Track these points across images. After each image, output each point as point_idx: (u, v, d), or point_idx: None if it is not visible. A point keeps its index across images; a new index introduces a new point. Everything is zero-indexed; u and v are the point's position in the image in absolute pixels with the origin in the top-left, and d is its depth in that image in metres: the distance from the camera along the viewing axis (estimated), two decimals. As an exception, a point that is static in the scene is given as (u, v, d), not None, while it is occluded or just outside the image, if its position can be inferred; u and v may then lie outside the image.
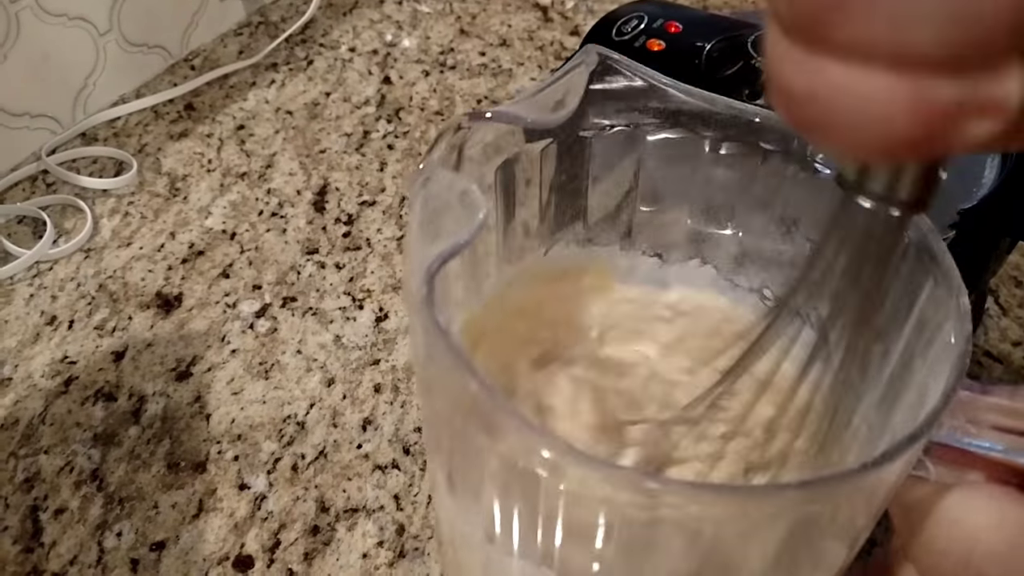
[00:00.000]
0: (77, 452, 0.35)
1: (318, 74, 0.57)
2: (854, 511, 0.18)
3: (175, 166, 0.49)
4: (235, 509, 0.33)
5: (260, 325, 0.40)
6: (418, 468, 0.34)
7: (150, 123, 0.53)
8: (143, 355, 0.39)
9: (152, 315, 0.40)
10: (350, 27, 0.62)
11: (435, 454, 0.21)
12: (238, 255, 0.44)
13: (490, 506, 0.19)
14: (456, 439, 0.19)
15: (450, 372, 0.17)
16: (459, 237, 0.18)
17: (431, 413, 0.21)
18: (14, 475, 0.34)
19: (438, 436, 0.21)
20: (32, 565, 0.31)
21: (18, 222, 0.45)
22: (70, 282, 0.42)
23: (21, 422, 0.36)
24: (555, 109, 0.23)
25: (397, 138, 0.51)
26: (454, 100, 0.55)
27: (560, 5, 0.64)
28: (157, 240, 0.44)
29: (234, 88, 0.55)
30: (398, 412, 0.36)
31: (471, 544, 0.21)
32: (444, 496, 0.21)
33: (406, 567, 0.31)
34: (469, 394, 0.16)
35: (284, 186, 0.48)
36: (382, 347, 0.39)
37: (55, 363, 0.38)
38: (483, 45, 0.60)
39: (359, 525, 0.32)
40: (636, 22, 0.41)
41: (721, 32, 0.39)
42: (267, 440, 0.35)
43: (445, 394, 0.18)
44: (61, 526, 0.32)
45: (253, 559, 0.31)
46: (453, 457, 0.20)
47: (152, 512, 0.33)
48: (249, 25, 0.62)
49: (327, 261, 0.43)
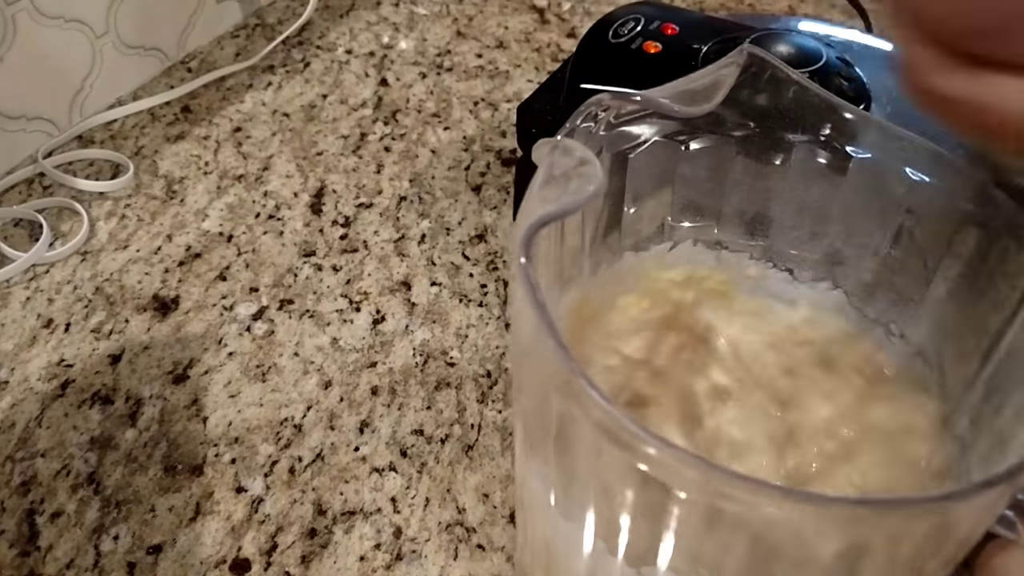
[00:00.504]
0: (74, 455, 0.35)
1: (315, 76, 0.57)
2: (916, 548, 0.17)
3: (172, 168, 0.49)
4: (232, 512, 0.33)
5: (257, 328, 0.40)
6: (415, 471, 0.34)
7: (147, 125, 0.52)
8: (140, 358, 0.38)
9: (149, 318, 0.40)
10: (347, 29, 0.62)
11: (518, 417, 0.21)
12: (235, 257, 0.44)
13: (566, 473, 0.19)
14: (536, 402, 0.19)
15: (539, 339, 0.17)
16: (568, 203, 0.18)
17: (520, 380, 0.21)
18: (10, 479, 0.34)
19: (523, 398, 0.21)
20: (28, 569, 0.31)
21: (14, 225, 0.45)
22: (66, 285, 0.42)
23: (17, 425, 0.36)
24: (699, 102, 0.23)
25: (394, 140, 0.51)
26: (451, 102, 0.55)
27: (557, 7, 0.65)
28: (154, 243, 0.44)
29: (231, 90, 0.55)
30: (395, 414, 0.36)
31: (538, 506, 0.21)
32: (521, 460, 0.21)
33: (403, 570, 0.31)
34: (552, 360, 0.16)
35: (281, 188, 0.48)
36: (379, 349, 0.39)
37: (51, 366, 0.38)
38: (480, 47, 0.60)
39: (356, 528, 0.32)
40: (633, 24, 0.41)
41: (718, 34, 0.40)
42: (264, 443, 0.35)
43: (535, 363, 0.18)
44: (58, 530, 0.32)
45: (250, 562, 0.31)
46: (528, 417, 0.20)
47: (149, 515, 0.33)
48: (246, 27, 0.62)
49: (324, 263, 0.43)
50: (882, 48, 0.42)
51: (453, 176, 0.49)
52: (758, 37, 0.37)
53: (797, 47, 0.37)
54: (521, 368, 0.20)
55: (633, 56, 0.39)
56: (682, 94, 0.23)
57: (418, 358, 0.39)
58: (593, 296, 0.26)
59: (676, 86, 0.23)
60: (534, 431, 0.20)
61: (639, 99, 0.22)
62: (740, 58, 0.23)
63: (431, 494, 0.33)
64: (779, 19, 0.45)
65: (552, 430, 0.18)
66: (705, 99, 0.23)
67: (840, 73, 0.36)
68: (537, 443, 0.20)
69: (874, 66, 0.40)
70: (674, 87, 0.23)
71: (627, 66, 0.39)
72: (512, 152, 0.50)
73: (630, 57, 0.39)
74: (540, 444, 0.20)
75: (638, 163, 0.24)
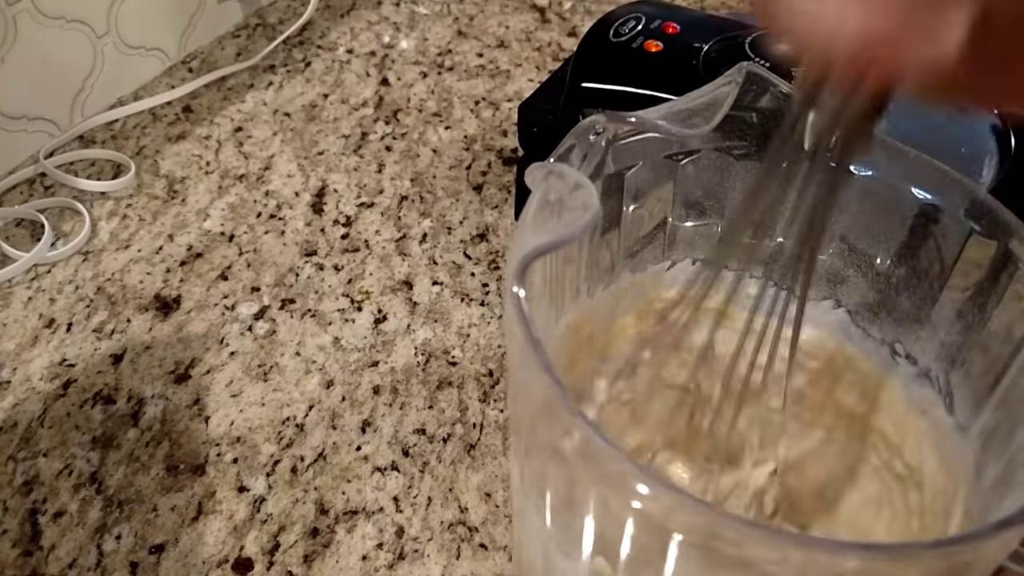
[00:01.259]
0: (76, 455, 0.35)
1: (316, 76, 0.57)
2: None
3: (173, 168, 0.49)
4: (234, 511, 0.33)
5: (259, 327, 0.40)
6: (417, 470, 0.34)
7: (148, 125, 0.53)
8: (142, 358, 0.39)
9: (151, 317, 0.40)
10: (348, 29, 0.62)
11: (514, 432, 0.21)
12: (236, 257, 0.44)
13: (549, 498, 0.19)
14: (527, 429, 0.19)
15: (529, 368, 0.17)
16: (563, 233, 0.18)
17: (513, 409, 0.21)
18: (13, 478, 0.34)
19: (517, 422, 0.20)
20: (31, 568, 0.31)
21: (16, 225, 0.45)
22: (68, 285, 0.42)
23: (20, 425, 0.36)
24: (697, 123, 0.23)
25: (395, 139, 0.51)
26: (452, 101, 0.55)
27: (558, 6, 0.65)
28: (155, 242, 0.44)
29: (232, 90, 0.55)
30: (397, 414, 0.36)
31: (526, 517, 0.21)
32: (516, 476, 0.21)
33: (406, 569, 0.31)
34: (542, 390, 0.16)
35: (282, 188, 0.48)
36: (381, 349, 0.39)
37: (54, 366, 0.38)
38: (481, 46, 0.60)
39: (358, 527, 0.32)
40: (634, 23, 0.41)
41: (719, 33, 0.40)
42: (266, 442, 0.35)
43: (525, 395, 0.18)
44: (60, 529, 0.32)
45: (252, 561, 0.31)
46: (522, 436, 0.20)
47: (151, 515, 0.33)
48: (247, 27, 0.62)
49: (326, 263, 0.43)
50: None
51: (454, 175, 0.49)
52: (759, 36, 0.37)
53: (798, 46, 0.37)
54: (515, 399, 0.20)
55: (634, 55, 0.39)
56: (679, 113, 0.22)
57: (420, 357, 0.39)
58: (591, 316, 0.25)
59: (673, 105, 0.22)
60: (532, 465, 0.20)
61: (634, 120, 0.22)
62: (739, 76, 0.23)
63: (433, 493, 0.33)
64: (780, 18, 0.45)
65: (549, 477, 0.19)
66: (703, 120, 0.23)
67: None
68: (534, 476, 0.20)
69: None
70: (671, 107, 0.22)
71: (628, 65, 0.39)
72: (513, 151, 0.50)
73: (631, 56, 0.39)
74: (537, 477, 0.20)
75: (634, 181, 0.24)
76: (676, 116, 0.22)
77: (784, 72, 0.35)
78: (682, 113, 0.22)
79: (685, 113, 0.22)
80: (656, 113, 0.22)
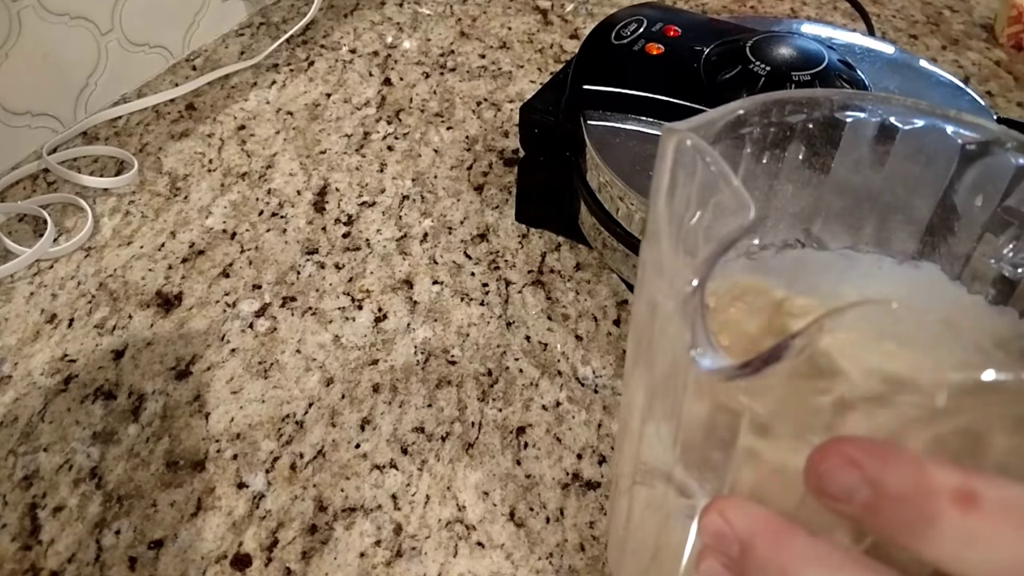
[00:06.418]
0: (76, 450, 0.35)
1: (319, 75, 0.57)
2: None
3: (176, 166, 0.49)
4: (233, 508, 0.33)
5: (260, 324, 0.40)
6: (415, 468, 0.34)
7: (151, 123, 0.53)
8: (143, 354, 0.39)
9: (152, 314, 0.41)
10: (351, 28, 0.62)
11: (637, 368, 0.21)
12: (238, 255, 0.44)
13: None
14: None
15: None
16: (728, 234, 0.18)
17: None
18: (13, 472, 0.34)
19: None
20: (30, 563, 0.31)
21: (19, 220, 0.46)
22: (70, 280, 0.42)
23: (20, 420, 0.36)
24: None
25: (397, 139, 0.52)
26: (454, 102, 0.55)
27: (560, 8, 0.65)
28: (157, 239, 0.45)
29: (235, 88, 0.56)
30: (396, 412, 0.36)
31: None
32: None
33: (403, 567, 0.31)
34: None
35: (284, 186, 0.48)
36: (381, 347, 0.39)
37: (55, 361, 0.38)
38: (483, 47, 0.60)
39: (357, 524, 0.32)
40: (635, 26, 0.41)
41: (720, 36, 0.40)
42: (266, 439, 0.35)
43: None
44: (60, 524, 0.32)
45: (251, 558, 0.31)
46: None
47: (151, 510, 0.33)
48: (250, 26, 0.62)
49: (327, 261, 0.44)
50: (884, 51, 0.42)
51: (455, 175, 0.49)
52: (760, 39, 0.38)
53: (799, 50, 0.37)
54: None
55: (635, 58, 0.40)
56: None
57: (419, 356, 0.39)
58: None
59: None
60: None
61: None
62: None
63: (431, 491, 0.33)
64: (781, 21, 0.46)
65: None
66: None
67: (842, 76, 0.36)
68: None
69: (876, 69, 0.40)
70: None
71: (629, 68, 0.39)
72: (514, 152, 0.50)
73: (632, 59, 0.40)
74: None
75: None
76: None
77: (783, 74, 0.35)
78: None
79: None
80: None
